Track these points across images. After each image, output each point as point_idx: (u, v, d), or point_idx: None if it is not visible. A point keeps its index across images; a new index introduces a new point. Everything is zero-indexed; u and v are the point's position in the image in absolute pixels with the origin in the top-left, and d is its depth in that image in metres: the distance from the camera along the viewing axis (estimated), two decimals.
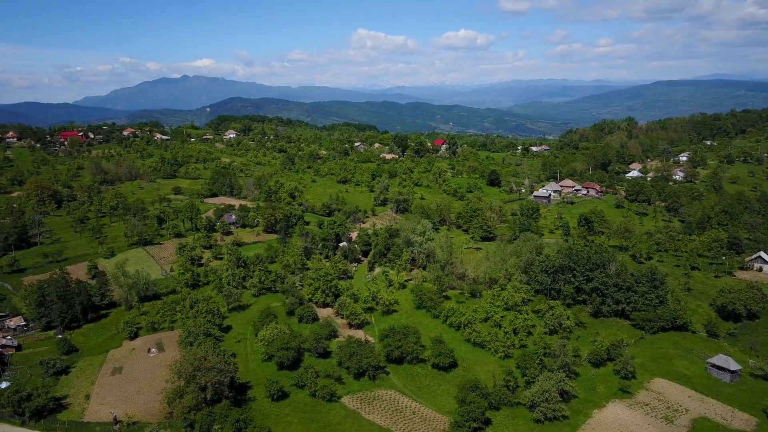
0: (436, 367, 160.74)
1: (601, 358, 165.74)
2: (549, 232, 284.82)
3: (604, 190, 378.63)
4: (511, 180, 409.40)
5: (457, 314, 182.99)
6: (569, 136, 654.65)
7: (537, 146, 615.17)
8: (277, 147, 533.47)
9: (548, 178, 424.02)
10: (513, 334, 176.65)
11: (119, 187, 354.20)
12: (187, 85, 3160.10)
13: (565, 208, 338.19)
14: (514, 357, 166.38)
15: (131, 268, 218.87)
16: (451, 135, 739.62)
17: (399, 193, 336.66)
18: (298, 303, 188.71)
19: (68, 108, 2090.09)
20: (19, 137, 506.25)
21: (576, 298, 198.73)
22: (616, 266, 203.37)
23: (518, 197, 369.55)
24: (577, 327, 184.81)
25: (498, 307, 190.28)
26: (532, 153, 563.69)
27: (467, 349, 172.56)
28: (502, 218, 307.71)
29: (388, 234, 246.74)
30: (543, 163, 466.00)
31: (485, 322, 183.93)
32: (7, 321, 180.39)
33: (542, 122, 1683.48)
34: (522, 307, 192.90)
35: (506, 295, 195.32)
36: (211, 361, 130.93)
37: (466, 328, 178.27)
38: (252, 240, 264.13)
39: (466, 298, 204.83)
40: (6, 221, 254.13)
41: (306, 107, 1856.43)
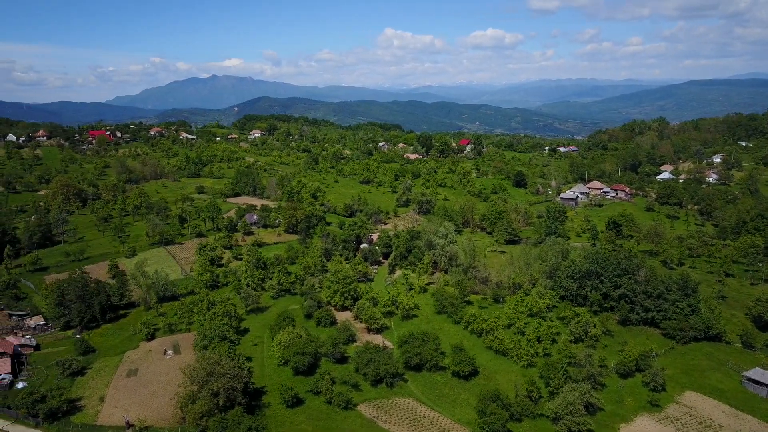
0: (456, 375, 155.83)
1: (629, 369, 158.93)
2: (576, 236, 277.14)
3: (633, 192, 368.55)
4: (537, 181, 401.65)
5: (479, 320, 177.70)
6: (598, 136, 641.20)
7: (564, 147, 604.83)
8: (301, 147, 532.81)
9: (576, 179, 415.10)
10: (537, 341, 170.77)
11: (144, 186, 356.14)
12: (215, 84, 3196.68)
13: (593, 210, 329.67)
14: (537, 366, 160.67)
15: (152, 267, 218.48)
16: (477, 135, 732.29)
17: (422, 194, 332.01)
18: (317, 306, 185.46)
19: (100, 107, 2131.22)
20: (49, 136, 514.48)
21: (603, 305, 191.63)
22: (645, 272, 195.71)
23: (544, 199, 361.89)
24: (604, 335, 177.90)
25: (521, 313, 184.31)
26: (559, 153, 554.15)
27: (489, 356, 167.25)
28: (527, 221, 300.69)
29: (409, 236, 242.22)
30: (570, 164, 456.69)
31: (508, 329, 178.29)
32: (28, 320, 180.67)
33: (570, 122, 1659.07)
34: (546, 313, 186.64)
35: (530, 300, 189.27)
36: (225, 366, 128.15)
37: (488, 335, 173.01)
38: (273, 240, 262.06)
39: (489, 303, 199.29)
40: (32, 220, 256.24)
41: (333, 107, 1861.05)
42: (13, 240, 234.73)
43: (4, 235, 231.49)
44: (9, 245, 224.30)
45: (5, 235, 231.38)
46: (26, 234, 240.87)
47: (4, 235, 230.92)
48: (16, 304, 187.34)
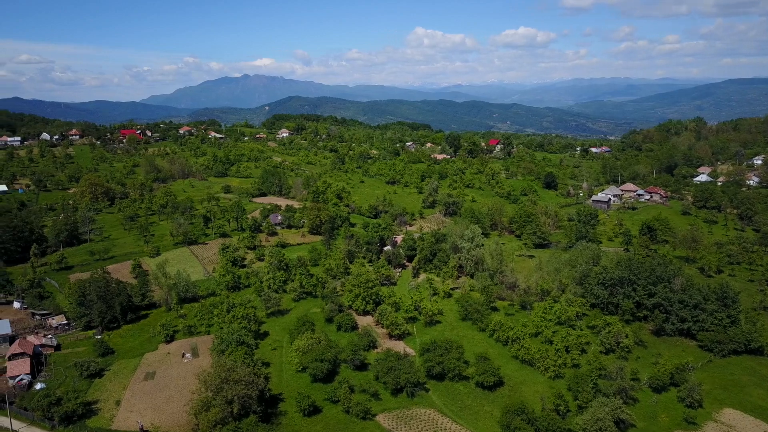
0: (479, 385, 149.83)
1: (664, 383, 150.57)
2: (608, 240, 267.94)
3: (669, 195, 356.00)
4: (568, 183, 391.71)
5: (505, 328, 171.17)
6: (632, 136, 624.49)
7: (597, 147, 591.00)
8: (328, 146, 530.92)
9: (608, 181, 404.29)
10: (565, 351, 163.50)
11: (171, 185, 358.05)
12: (247, 84, 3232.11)
13: (626, 214, 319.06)
14: (565, 377, 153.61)
15: (175, 267, 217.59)
16: (507, 135, 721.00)
17: (449, 195, 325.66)
18: (338, 310, 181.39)
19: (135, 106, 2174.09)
20: (81, 135, 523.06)
21: (636, 314, 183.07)
22: (681, 280, 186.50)
23: (576, 201, 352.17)
24: (636, 346, 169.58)
25: (549, 321, 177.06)
26: (591, 154, 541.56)
27: (514, 366, 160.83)
28: (557, 224, 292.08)
29: (434, 239, 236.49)
30: (603, 165, 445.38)
31: (535, 338, 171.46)
32: (50, 319, 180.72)
33: (603, 122, 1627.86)
34: (576, 322, 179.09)
35: (559, 308, 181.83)
36: (240, 373, 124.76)
37: (514, 344, 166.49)
38: (297, 241, 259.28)
39: (516, 310, 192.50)
40: (59, 218, 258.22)
41: (362, 106, 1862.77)
42: (40, 238, 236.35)
43: (32, 233, 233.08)
44: (36, 243, 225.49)
45: (32, 234, 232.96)
46: (53, 232, 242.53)
47: (31, 234, 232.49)
48: (40, 303, 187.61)
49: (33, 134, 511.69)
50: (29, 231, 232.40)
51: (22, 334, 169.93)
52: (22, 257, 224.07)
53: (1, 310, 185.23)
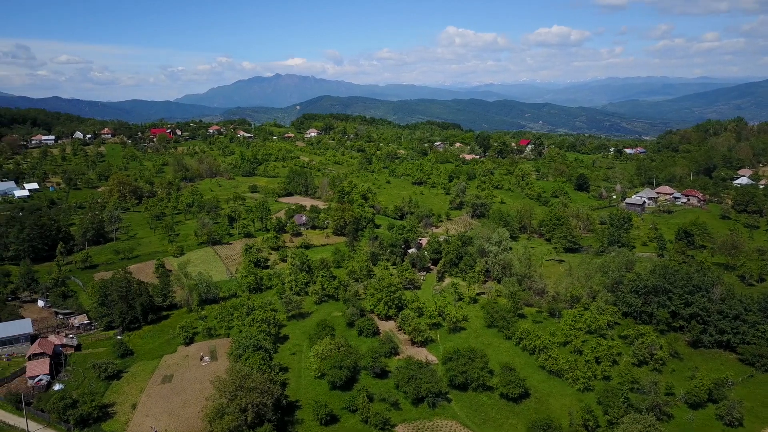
0: (504, 396, 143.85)
1: (701, 399, 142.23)
2: (642, 245, 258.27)
3: (707, 198, 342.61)
4: (601, 185, 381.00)
5: (532, 337, 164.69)
6: (668, 137, 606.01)
7: (631, 148, 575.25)
8: (355, 146, 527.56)
9: (643, 183, 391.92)
10: (595, 363, 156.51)
11: (199, 184, 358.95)
12: (279, 83, 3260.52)
13: (662, 217, 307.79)
14: (595, 390, 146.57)
15: (198, 267, 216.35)
16: (538, 135, 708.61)
17: (476, 196, 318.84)
18: (359, 314, 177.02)
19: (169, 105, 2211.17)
20: (113, 133, 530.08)
21: (671, 325, 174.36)
22: (721, 289, 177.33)
23: (608, 204, 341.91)
24: (671, 359, 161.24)
25: (579, 330, 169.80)
26: (625, 155, 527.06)
27: (541, 377, 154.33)
28: (589, 227, 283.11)
29: (460, 242, 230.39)
30: (638, 166, 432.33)
31: (563, 347, 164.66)
32: (72, 319, 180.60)
33: (638, 122, 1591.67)
34: (607, 331, 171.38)
35: (589, 316, 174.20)
36: (255, 379, 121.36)
37: (541, 353, 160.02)
38: (321, 242, 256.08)
39: (544, 317, 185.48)
40: (87, 217, 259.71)
41: (392, 105, 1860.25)
42: (67, 237, 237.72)
43: (59, 231, 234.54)
44: (62, 242, 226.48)
45: (59, 232, 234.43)
46: (80, 231, 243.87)
47: (58, 232, 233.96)
48: (63, 303, 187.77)
49: (67, 133, 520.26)
50: (56, 229, 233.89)
51: (44, 333, 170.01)
52: (48, 255, 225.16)
53: (26, 308, 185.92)
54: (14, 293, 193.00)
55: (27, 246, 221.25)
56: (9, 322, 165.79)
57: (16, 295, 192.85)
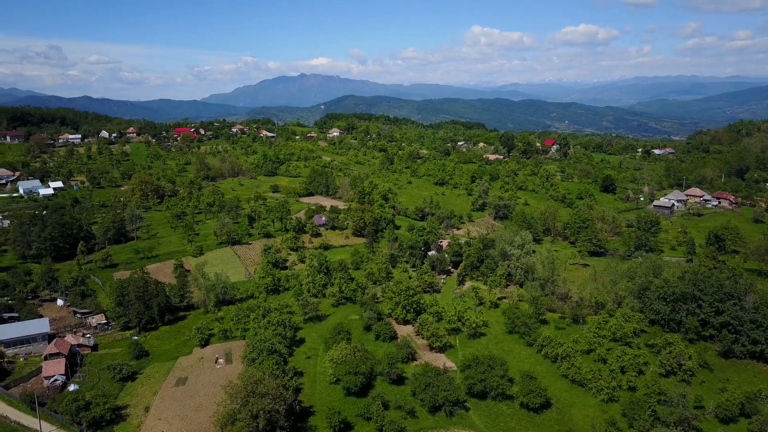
0: (524, 406, 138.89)
1: (732, 414, 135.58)
2: (670, 249, 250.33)
3: (739, 201, 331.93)
4: (628, 186, 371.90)
5: (555, 344, 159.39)
6: (698, 137, 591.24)
7: (660, 148, 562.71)
8: (378, 146, 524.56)
9: (672, 185, 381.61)
10: (620, 372, 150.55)
11: (220, 183, 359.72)
12: (304, 83, 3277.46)
13: (691, 221, 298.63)
14: (619, 402, 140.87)
15: (216, 268, 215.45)
16: (564, 135, 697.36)
17: (499, 197, 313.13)
18: (376, 318, 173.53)
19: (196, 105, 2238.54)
20: (138, 132, 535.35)
21: (701, 334, 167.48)
22: (754, 297, 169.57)
23: (635, 206, 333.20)
24: (701, 369, 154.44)
25: (604, 337, 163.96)
26: (654, 156, 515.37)
27: (563, 386, 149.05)
28: (615, 230, 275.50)
29: (482, 244, 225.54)
30: (666, 168, 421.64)
31: (587, 355, 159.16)
32: (90, 318, 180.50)
33: (667, 121, 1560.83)
34: (633, 339, 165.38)
35: (614, 323, 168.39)
36: (267, 385, 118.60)
37: (563, 362, 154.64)
38: (340, 243, 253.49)
39: (567, 323, 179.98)
40: (108, 216, 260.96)
41: (416, 105, 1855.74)
42: (88, 235, 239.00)
43: (80, 230, 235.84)
44: (83, 241, 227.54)
45: (81, 231, 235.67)
46: (101, 230, 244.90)
47: (79, 231, 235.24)
48: (82, 302, 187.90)
49: (93, 132, 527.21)
50: (78, 228, 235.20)
51: (62, 332, 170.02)
52: (70, 254, 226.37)
53: (45, 307, 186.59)
54: (34, 292, 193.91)
55: (49, 244, 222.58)
56: (27, 321, 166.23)
57: (36, 294, 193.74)
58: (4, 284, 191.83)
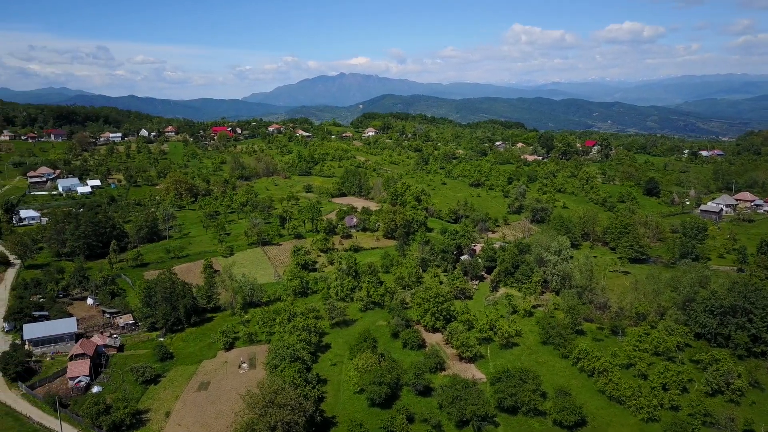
0: (558, 423, 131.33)
1: None
2: (718, 257, 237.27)
3: None
4: (673, 190, 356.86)
5: (591, 357, 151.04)
6: (749, 138, 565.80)
7: (708, 150, 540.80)
8: (413, 146, 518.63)
9: (720, 188, 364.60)
10: (662, 389, 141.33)
11: (255, 183, 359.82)
12: (343, 82, 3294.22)
13: (741, 227, 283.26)
14: (660, 422, 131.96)
15: (246, 269, 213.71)
16: (605, 135, 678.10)
17: (537, 200, 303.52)
18: (405, 325, 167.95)
19: (237, 104, 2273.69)
20: (176, 131, 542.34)
21: (752, 350, 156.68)
22: None
23: (681, 211, 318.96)
24: (751, 389, 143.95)
25: (644, 351, 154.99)
26: (701, 158, 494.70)
27: (600, 403, 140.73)
28: (658, 236, 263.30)
29: (517, 249, 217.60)
30: (715, 170, 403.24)
31: (626, 370, 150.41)
32: (118, 318, 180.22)
33: (716, 122, 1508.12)
34: (676, 354, 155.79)
35: (656, 336, 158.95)
36: (286, 395, 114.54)
37: (600, 376, 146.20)
38: (371, 245, 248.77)
39: (605, 335, 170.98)
40: (141, 215, 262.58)
41: (455, 104, 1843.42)
42: (121, 234, 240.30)
43: (113, 229, 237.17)
44: (116, 239, 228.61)
45: (114, 229, 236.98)
46: (134, 228, 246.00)
47: (113, 229, 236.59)
48: (111, 301, 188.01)
49: (133, 130, 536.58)
50: (111, 227, 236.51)
51: (90, 331, 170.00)
52: (103, 252, 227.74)
53: (75, 306, 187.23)
54: (66, 290, 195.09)
55: (82, 243, 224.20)
56: (56, 320, 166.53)
57: (67, 292, 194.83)
58: (37, 282, 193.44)
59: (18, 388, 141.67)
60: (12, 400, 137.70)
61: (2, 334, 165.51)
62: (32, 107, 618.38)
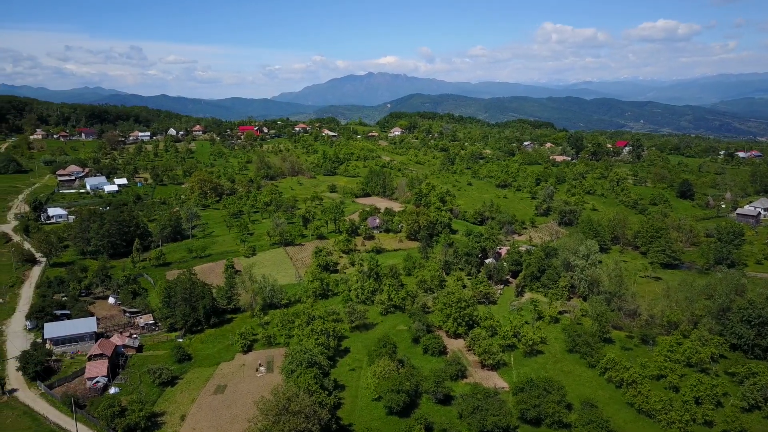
0: None
1: None
2: (755, 263, 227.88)
3: None
4: (708, 192, 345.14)
5: (620, 368, 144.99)
6: None
7: (745, 151, 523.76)
8: (439, 145, 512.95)
9: (758, 191, 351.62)
10: (694, 403, 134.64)
11: (279, 182, 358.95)
12: (371, 81, 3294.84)
13: None
14: None
15: (268, 269, 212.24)
16: (637, 135, 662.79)
17: (565, 202, 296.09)
18: (426, 330, 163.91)
19: (266, 103, 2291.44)
20: (204, 130, 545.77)
21: None
22: None
23: (716, 214, 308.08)
24: None
25: (676, 362, 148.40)
26: (737, 159, 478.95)
27: (628, 416, 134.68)
28: (692, 241, 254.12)
29: (544, 253, 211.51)
30: (752, 172, 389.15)
31: (657, 381, 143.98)
32: (138, 318, 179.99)
33: (753, 122, 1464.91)
34: (710, 366, 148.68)
35: (689, 346, 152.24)
36: (301, 403, 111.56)
37: (629, 388, 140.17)
38: (393, 247, 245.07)
39: (635, 344, 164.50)
40: (165, 214, 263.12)
41: (484, 103, 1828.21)
42: (145, 233, 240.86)
43: (137, 228, 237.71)
44: (139, 238, 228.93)
45: (137, 228, 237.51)
46: (158, 227, 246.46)
47: (136, 228, 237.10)
48: (132, 301, 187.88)
49: (162, 129, 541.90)
50: (135, 225, 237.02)
51: (110, 331, 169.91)
52: (126, 251, 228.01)
53: (97, 305, 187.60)
54: (88, 289, 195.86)
55: (106, 241, 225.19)
56: (76, 319, 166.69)
57: (90, 291, 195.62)
58: (60, 280, 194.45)
59: (37, 388, 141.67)
60: (31, 399, 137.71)
61: (25, 332, 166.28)
62: (66, 106, 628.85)
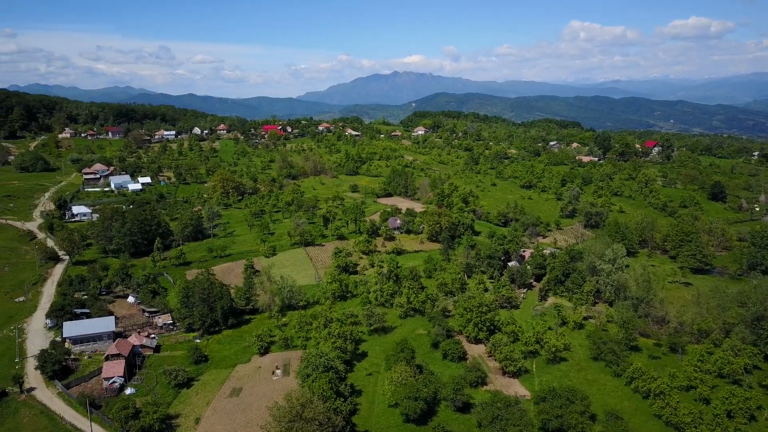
0: None
1: None
2: None
3: None
4: (741, 195, 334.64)
5: (647, 378, 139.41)
6: None
7: None
8: (463, 145, 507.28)
9: None
10: (726, 417, 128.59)
11: (302, 182, 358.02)
12: (396, 81, 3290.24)
13: None
14: None
15: (287, 269, 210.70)
16: (667, 135, 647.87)
17: (591, 203, 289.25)
18: (445, 335, 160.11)
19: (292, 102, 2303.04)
20: (228, 129, 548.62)
21: None
22: None
23: (750, 218, 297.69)
24: None
25: (707, 372, 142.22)
26: None
27: (656, 429, 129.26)
28: (724, 245, 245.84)
29: (569, 256, 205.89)
30: None
31: (686, 393, 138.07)
32: (156, 318, 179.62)
33: None
34: (743, 377, 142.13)
35: (721, 356, 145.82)
36: (315, 409, 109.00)
37: (657, 399, 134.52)
38: (414, 248, 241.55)
39: (663, 352, 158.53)
40: (186, 213, 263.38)
41: (510, 102, 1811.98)
42: (166, 232, 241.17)
43: (158, 227, 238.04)
44: (160, 237, 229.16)
45: (159, 227, 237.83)
46: (179, 226, 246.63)
47: (158, 227, 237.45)
48: (152, 300, 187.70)
49: (187, 128, 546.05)
50: (156, 224, 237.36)
51: (128, 331, 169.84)
52: (147, 250, 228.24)
53: (117, 304, 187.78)
54: (108, 287, 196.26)
55: (127, 240, 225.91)
56: (95, 318, 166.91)
57: (110, 290, 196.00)
58: (81, 279, 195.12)
59: (55, 387, 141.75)
60: (48, 398, 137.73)
61: (45, 331, 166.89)
62: (95, 105, 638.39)
